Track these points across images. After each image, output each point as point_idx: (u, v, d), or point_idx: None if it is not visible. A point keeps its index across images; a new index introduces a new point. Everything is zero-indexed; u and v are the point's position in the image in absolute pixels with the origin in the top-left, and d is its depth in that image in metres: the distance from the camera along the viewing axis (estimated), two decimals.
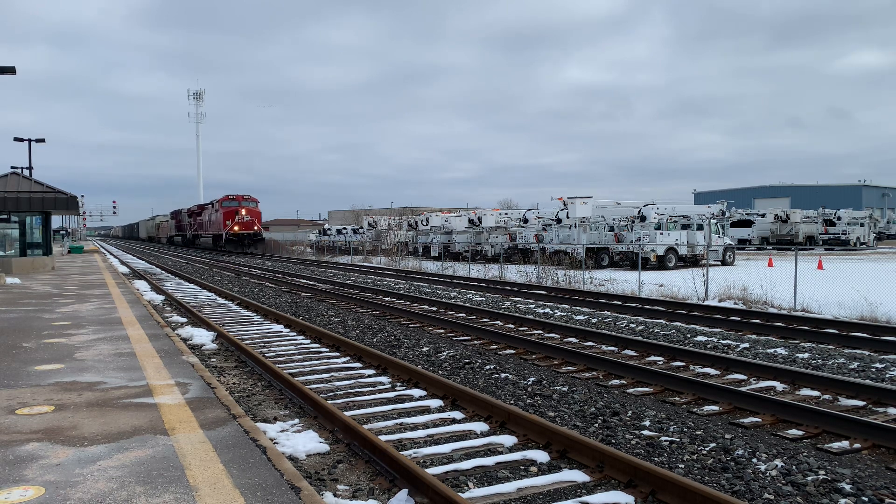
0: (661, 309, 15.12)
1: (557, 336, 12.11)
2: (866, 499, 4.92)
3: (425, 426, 6.76)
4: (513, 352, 10.86)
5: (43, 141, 41.85)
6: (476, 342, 11.81)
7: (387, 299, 18.48)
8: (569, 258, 29.94)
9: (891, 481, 5.29)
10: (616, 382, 8.69)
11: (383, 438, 6.13)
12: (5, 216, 25.99)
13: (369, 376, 9.03)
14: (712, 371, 9.11)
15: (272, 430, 6.46)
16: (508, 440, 6.19)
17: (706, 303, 16.40)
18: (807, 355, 10.03)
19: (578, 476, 5.33)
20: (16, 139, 40.71)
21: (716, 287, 18.19)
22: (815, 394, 7.88)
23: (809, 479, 5.28)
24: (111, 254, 56.72)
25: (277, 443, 5.97)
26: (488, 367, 9.47)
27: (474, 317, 14.82)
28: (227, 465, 4.58)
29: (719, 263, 31.18)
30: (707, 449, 6.02)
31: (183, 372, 7.62)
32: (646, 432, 6.51)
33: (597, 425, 6.81)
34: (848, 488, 5.08)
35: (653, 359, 10.01)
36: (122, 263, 38.82)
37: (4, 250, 26.58)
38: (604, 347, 10.96)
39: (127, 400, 6.38)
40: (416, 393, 7.97)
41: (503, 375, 8.99)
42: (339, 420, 6.45)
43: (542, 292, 19.89)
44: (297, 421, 6.89)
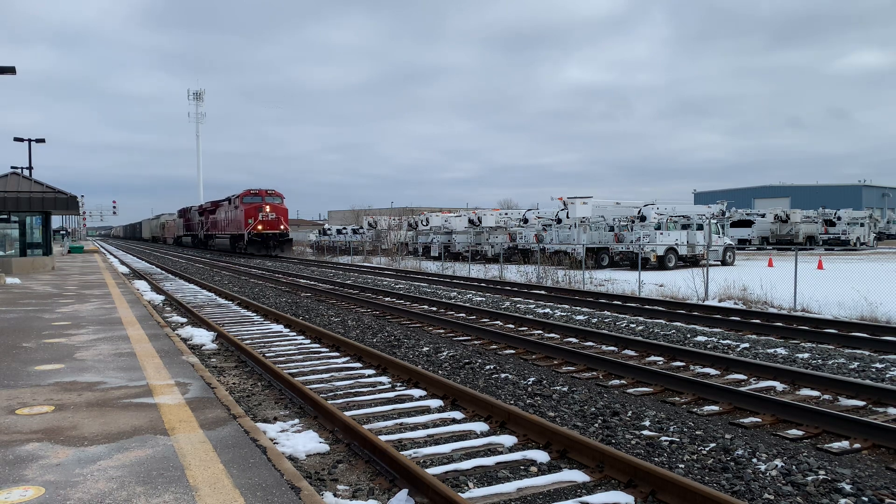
0: (661, 309, 15.12)
1: (557, 336, 12.11)
2: (866, 499, 4.92)
3: (425, 426, 6.76)
4: (513, 352, 10.86)
5: (43, 141, 41.88)
6: (476, 342, 11.81)
7: (387, 299, 18.48)
8: (569, 258, 29.94)
9: (891, 481, 5.29)
10: (616, 382, 8.69)
11: (383, 438, 6.13)
12: (5, 216, 25.99)
13: (369, 376, 9.03)
14: (712, 371, 9.11)
15: (272, 430, 6.46)
16: (508, 440, 6.19)
17: (706, 303, 16.40)
18: (807, 355, 10.03)
19: (578, 476, 5.33)
20: (16, 139, 40.73)
21: (716, 287, 18.20)
22: (815, 394, 7.88)
23: (809, 479, 5.28)
24: (111, 254, 56.71)
25: (277, 443, 5.97)
26: (488, 367, 9.47)
27: (474, 317, 14.82)
28: (227, 465, 4.58)
29: (719, 263, 31.18)
30: (707, 449, 6.02)
31: (183, 372, 7.62)
32: (646, 432, 6.51)
33: (597, 425, 6.81)
34: (848, 488, 5.08)
35: (653, 359, 10.01)
36: (123, 263, 38.81)
37: (4, 250, 26.58)
38: (604, 347, 10.96)
39: (127, 400, 6.38)
40: (416, 393, 7.97)
41: (503, 375, 8.99)
42: (339, 420, 6.45)
43: (542, 292, 19.88)
44: (297, 421, 6.89)
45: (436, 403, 7.52)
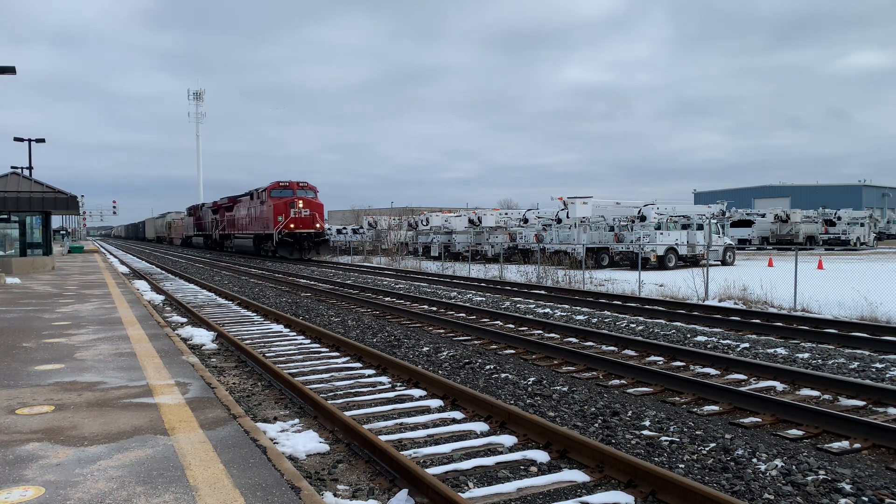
0: (661, 309, 15.12)
1: (557, 336, 12.11)
2: (866, 499, 4.92)
3: (425, 426, 6.76)
4: (513, 352, 10.86)
5: (43, 141, 41.88)
6: (476, 342, 11.81)
7: (387, 299, 18.48)
8: (569, 258, 29.94)
9: (891, 481, 5.29)
10: (616, 382, 8.69)
11: (383, 438, 6.13)
12: (5, 216, 26.00)
13: (369, 376, 9.03)
14: (712, 371, 9.11)
15: (272, 430, 6.46)
16: (508, 440, 6.19)
17: (706, 303, 16.40)
18: (807, 355, 10.03)
19: (578, 476, 5.33)
20: (16, 139, 40.73)
21: (716, 287, 18.19)
22: (815, 394, 7.88)
23: (809, 479, 5.28)
24: (111, 254, 56.70)
25: (277, 443, 5.97)
26: (488, 367, 9.47)
27: (474, 317, 14.82)
28: (227, 464, 4.59)
29: (719, 263, 31.18)
30: (707, 449, 6.02)
31: (183, 372, 7.62)
32: (646, 432, 6.51)
33: (597, 425, 6.81)
34: (848, 488, 5.08)
35: (653, 359, 10.01)
36: (123, 263, 38.82)
37: (4, 250, 26.58)
38: (604, 347, 10.96)
39: (127, 400, 6.38)
40: (416, 393, 7.97)
41: (503, 375, 8.99)
42: (339, 420, 6.45)
43: (542, 292, 19.88)
44: (297, 421, 6.89)
45: (436, 403, 7.52)
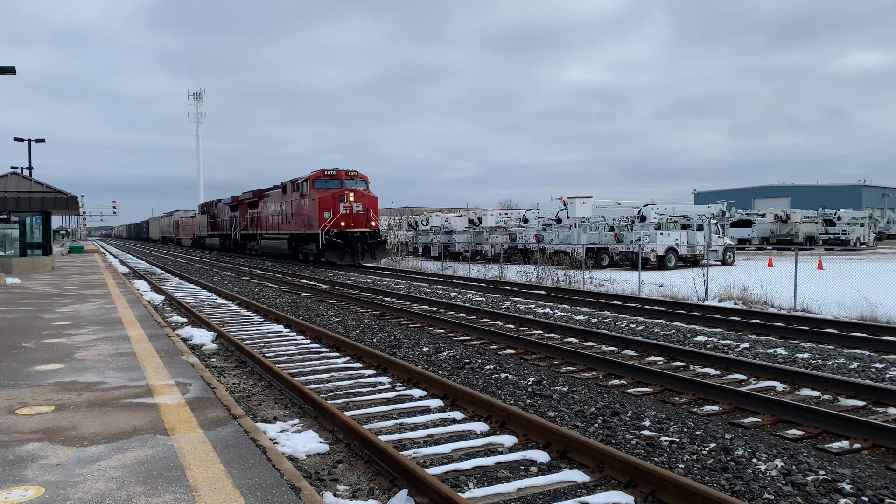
0: (661, 309, 15.11)
1: (557, 336, 12.11)
2: (866, 499, 4.92)
3: (425, 426, 6.76)
4: (513, 352, 10.86)
5: (43, 141, 41.87)
6: (476, 342, 11.80)
7: (387, 299, 18.48)
8: (569, 258, 29.93)
9: (891, 481, 5.29)
10: (616, 382, 8.69)
11: (383, 438, 6.13)
12: (5, 216, 26.00)
13: (369, 376, 9.03)
14: (712, 371, 9.11)
15: (272, 430, 6.46)
16: (508, 440, 6.19)
17: (706, 303, 16.40)
18: (807, 355, 10.03)
19: (578, 476, 5.33)
20: (16, 139, 40.73)
21: (716, 287, 18.19)
22: (815, 394, 7.88)
23: (809, 479, 5.28)
24: (111, 254, 56.70)
25: (277, 443, 5.97)
26: (488, 367, 9.47)
27: (474, 317, 14.82)
28: (227, 465, 4.58)
29: (719, 263, 31.18)
30: (707, 449, 6.02)
31: (183, 372, 7.62)
32: (646, 432, 6.51)
33: (597, 425, 6.81)
34: (848, 488, 5.08)
35: (653, 359, 10.00)
36: (123, 264, 38.82)
37: (4, 250, 26.59)
38: (604, 347, 10.96)
39: (127, 400, 6.38)
40: (416, 393, 7.97)
41: (503, 375, 8.99)
42: (339, 420, 6.45)
43: (542, 292, 19.88)
44: (297, 421, 6.89)
45: (436, 403, 7.52)
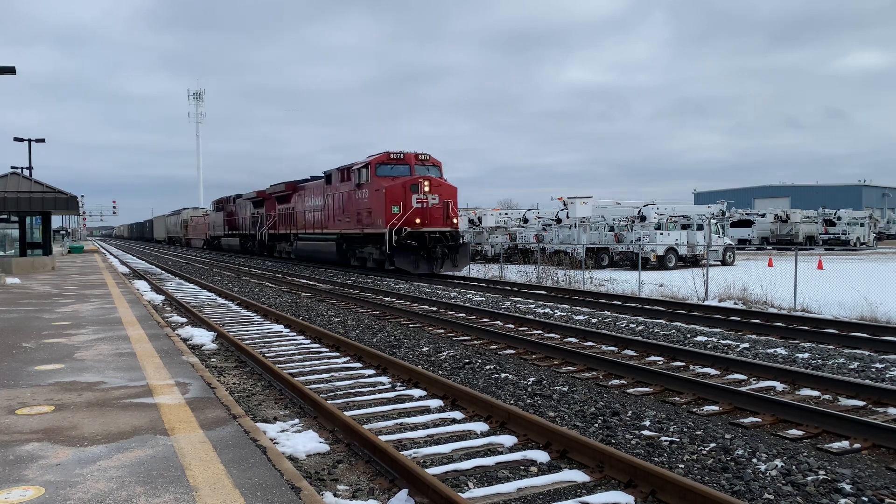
0: (661, 309, 15.11)
1: (557, 336, 12.11)
2: (866, 499, 4.92)
3: (425, 426, 6.76)
4: (513, 352, 10.85)
5: (43, 141, 41.88)
6: (476, 342, 11.80)
7: (387, 299, 18.48)
8: (569, 258, 29.94)
9: (891, 481, 5.29)
10: (616, 382, 8.68)
11: (383, 438, 6.13)
12: (5, 216, 26.00)
13: (369, 376, 9.03)
14: (712, 371, 9.11)
15: (272, 430, 6.46)
16: (508, 440, 6.18)
17: (706, 303, 16.40)
18: (807, 355, 10.02)
19: (578, 476, 5.33)
20: (16, 139, 40.73)
21: (716, 287, 18.19)
22: (815, 394, 7.88)
23: (809, 479, 5.28)
24: (111, 254, 56.72)
25: (277, 443, 5.97)
26: (488, 367, 9.47)
27: (474, 317, 14.82)
28: (228, 465, 4.58)
29: (719, 263, 31.18)
30: (707, 449, 6.02)
31: (183, 372, 7.62)
32: (646, 432, 6.51)
33: (597, 425, 6.81)
34: (848, 488, 5.08)
35: (653, 359, 10.00)
36: (123, 264, 38.82)
37: (4, 250, 26.60)
38: (604, 347, 10.96)
39: (127, 400, 6.38)
40: (416, 393, 7.97)
41: (503, 375, 8.99)
42: (340, 420, 6.45)
43: (542, 292, 19.87)
44: (297, 421, 6.88)
45: (436, 403, 7.52)
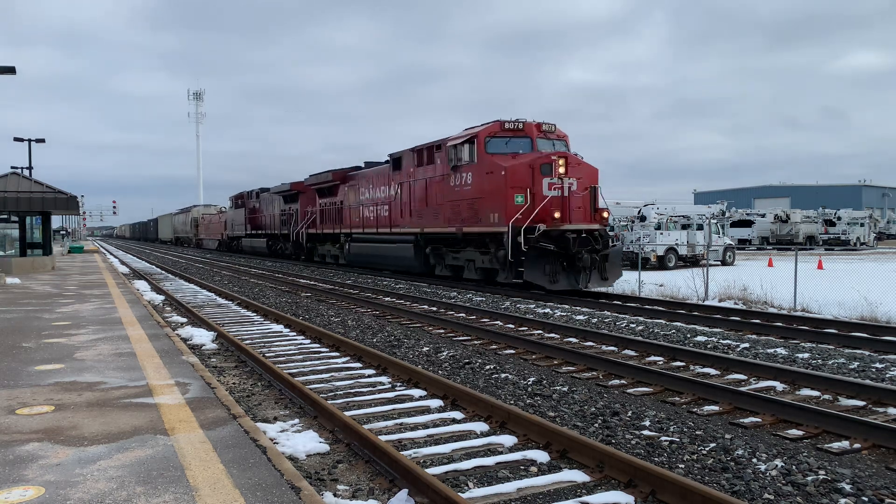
0: (661, 309, 15.11)
1: (557, 336, 12.10)
2: (866, 499, 4.92)
3: (425, 426, 6.76)
4: (513, 352, 10.85)
5: (43, 141, 41.89)
6: (476, 342, 11.80)
7: (387, 299, 18.47)
8: None
9: (891, 481, 5.29)
10: (616, 382, 8.68)
11: (383, 438, 6.13)
12: (5, 216, 26.01)
13: (369, 376, 9.03)
14: (712, 371, 9.10)
15: (272, 430, 6.46)
16: (508, 440, 6.18)
17: (706, 303, 16.40)
18: (807, 355, 10.02)
19: (578, 476, 5.33)
20: (16, 139, 40.73)
21: (716, 287, 18.18)
22: (815, 394, 7.88)
23: (809, 479, 5.28)
24: (111, 254, 56.72)
25: (277, 443, 5.97)
26: (488, 367, 9.47)
27: (474, 317, 14.81)
28: (228, 465, 4.58)
29: (719, 263, 31.18)
30: (707, 449, 6.02)
31: (183, 372, 7.62)
32: (646, 432, 6.51)
33: (597, 425, 6.81)
34: (848, 488, 5.08)
35: (653, 359, 10.00)
36: (123, 263, 38.83)
37: (4, 250, 26.61)
38: (604, 347, 10.96)
39: (127, 400, 6.38)
40: (416, 393, 7.97)
41: (503, 375, 8.99)
42: (340, 420, 6.45)
43: (542, 292, 19.86)
44: (297, 421, 6.88)
45: (436, 403, 7.52)
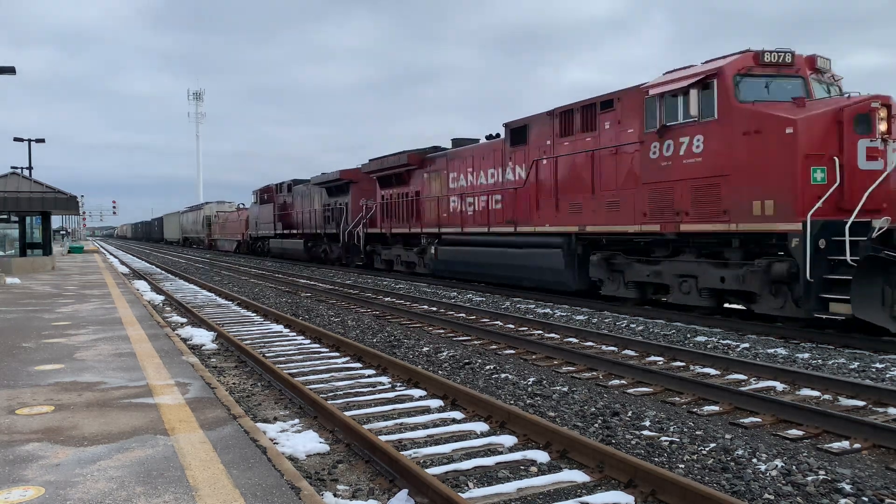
0: (660, 309, 15.09)
1: (557, 336, 12.10)
2: (866, 499, 4.92)
3: (425, 426, 6.76)
4: (513, 352, 10.86)
5: (43, 141, 41.91)
6: (476, 342, 11.80)
7: (387, 299, 18.48)
8: None
9: (891, 481, 5.28)
10: (616, 382, 8.68)
11: (383, 438, 6.13)
12: (5, 216, 26.02)
13: (369, 376, 9.03)
14: (712, 371, 9.10)
15: (272, 430, 6.46)
16: (508, 440, 6.18)
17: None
18: (807, 355, 10.02)
19: (578, 476, 5.32)
20: (16, 139, 40.74)
21: None
22: (815, 394, 7.88)
23: (809, 479, 5.28)
24: (111, 254, 56.72)
25: (277, 443, 5.96)
26: (488, 367, 9.47)
27: (474, 317, 14.81)
28: (227, 465, 4.58)
29: None
30: (707, 449, 6.02)
31: (183, 372, 7.62)
32: (646, 432, 6.51)
33: (597, 425, 6.80)
34: (848, 488, 5.08)
35: (653, 359, 10.00)
36: (123, 264, 38.85)
37: (4, 250, 26.62)
38: (604, 347, 10.96)
39: (127, 400, 6.38)
40: (416, 393, 7.97)
41: (503, 375, 8.99)
42: (339, 420, 6.45)
43: (542, 292, 19.86)
44: (297, 421, 6.88)
45: (436, 403, 7.52)
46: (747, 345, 10.83)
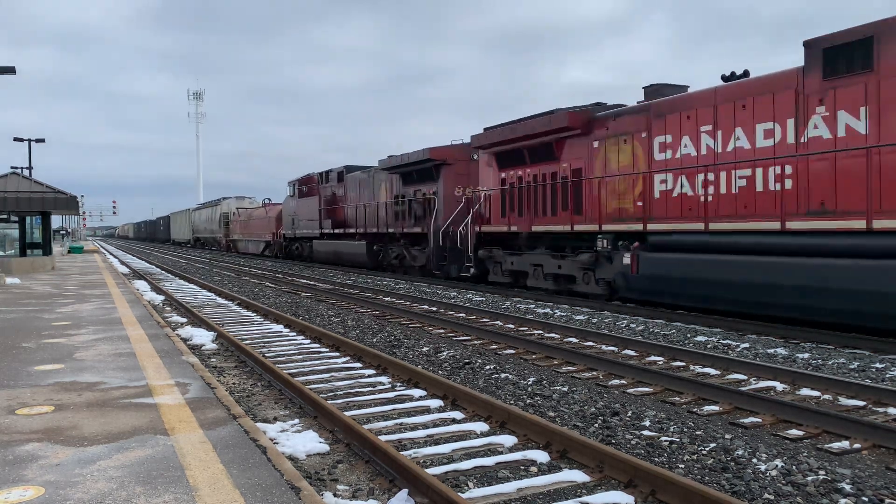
0: (661, 309, 15.09)
1: (557, 336, 12.11)
2: (866, 499, 4.92)
3: (425, 426, 6.76)
4: (513, 352, 10.86)
5: (43, 141, 41.93)
6: (476, 342, 11.80)
7: (387, 299, 18.48)
8: None
9: (891, 481, 5.28)
10: (616, 382, 8.68)
11: (383, 438, 6.13)
12: (5, 216, 26.02)
13: (369, 376, 9.03)
14: (712, 371, 9.10)
15: (272, 430, 6.46)
16: (508, 440, 6.18)
17: None
18: (807, 355, 10.02)
19: (578, 476, 5.32)
20: (16, 139, 40.76)
21: None
22: (816, 394, 7.88)
23: (809, 479, 5.28)
24: (111, 254, 56.71)
25: (277, 443, 5.97)
26: (488, 367, 9.47)
27: (474, 317, 14.82)
28: (227, 465, 4.58)
29: None
30: (707, 449, 6.02)
31: (183, 372, 7.62)
32: (646, 432, 6.51)
33: (597, 425, 6.80)
34: (848, 488, 5.08)
35: (653, 359, 10.00)
36: (123, 264, 38.86)
37: (4, 250, 26.63)
38: (604, 347, 10.96)
39: (127, 400, 6.38)
40: (416, 393, 7.97)
41: (503, 375, 8.99)
42: (339, 420, 6.45)
43: (542, 292, 19.86)
44: (297, 421, 6.88)
45: (436, 403, 7.52)
46: (747, 345, 10.84)
